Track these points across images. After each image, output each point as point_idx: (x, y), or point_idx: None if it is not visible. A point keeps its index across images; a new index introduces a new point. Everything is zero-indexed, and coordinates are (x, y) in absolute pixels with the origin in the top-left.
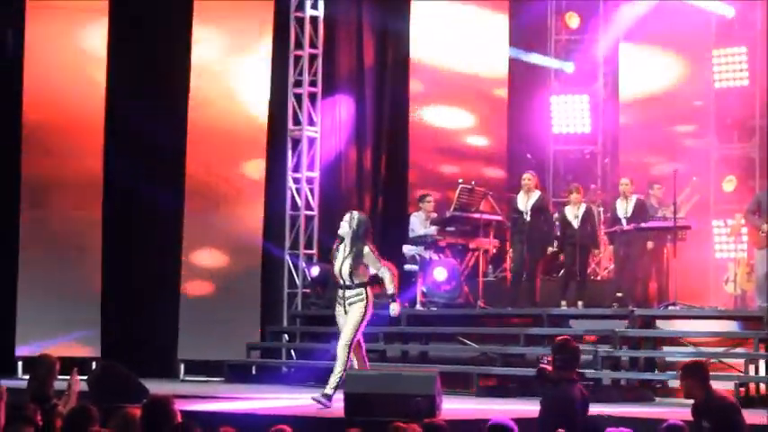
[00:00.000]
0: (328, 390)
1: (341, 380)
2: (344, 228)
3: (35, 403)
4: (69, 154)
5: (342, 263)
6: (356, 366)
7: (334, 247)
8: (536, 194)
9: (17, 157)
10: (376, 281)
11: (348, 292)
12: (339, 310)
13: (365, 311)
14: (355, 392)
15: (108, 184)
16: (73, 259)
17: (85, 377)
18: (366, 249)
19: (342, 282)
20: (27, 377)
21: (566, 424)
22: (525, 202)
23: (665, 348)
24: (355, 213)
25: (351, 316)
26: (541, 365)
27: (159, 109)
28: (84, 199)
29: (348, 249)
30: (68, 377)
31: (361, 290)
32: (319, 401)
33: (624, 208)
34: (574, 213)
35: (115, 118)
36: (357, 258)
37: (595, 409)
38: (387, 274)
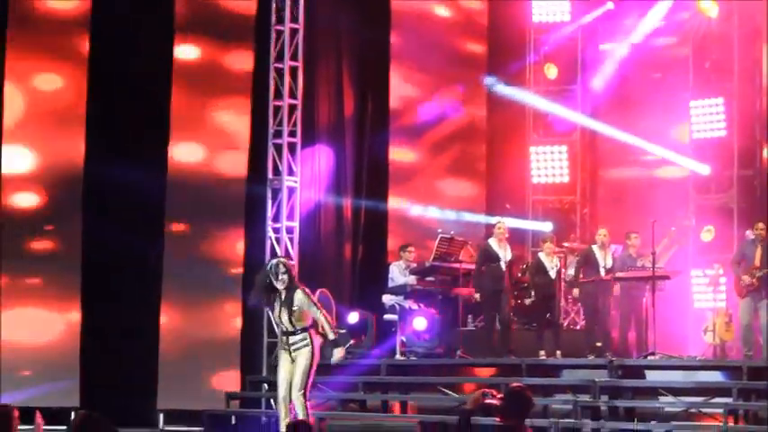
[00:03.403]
0: None
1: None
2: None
3: None
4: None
5: (280, 310)
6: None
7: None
8: (507, 246)
9: None
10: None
11: (292, 338)
12: (284, 356)
13: (312, 356)
14: None
15: (86, 234)
16: (52, 308)
17: (65, 428)
18: (300, 293)
19: (285, 328)
20: None
21: None
22: (501, 250)
23: (645, 399)
24: (283, 260)
25: (299, 363)
26: (486, 399)
27: (137, 157)
28: (64, 248)
29: (285, 295)
30: (32, 426)
31: (305, 334)
32: None
33: (603, 258)
34: (549, 263)
35: (92, 168)
36: (295, 303)
37: None
38: (321, 318)
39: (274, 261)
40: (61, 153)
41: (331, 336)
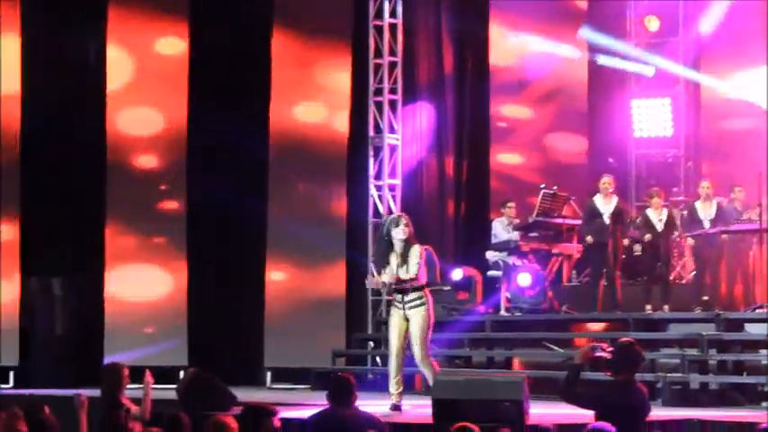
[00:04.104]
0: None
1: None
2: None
3: (110, 410)
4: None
5: (396, 267)
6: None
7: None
8: (615, 199)
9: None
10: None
11: (407, 296)
12: (397, 313)
13: (428, 315)
14: (443, 398)
15: (191, 194)
16: (159, 268)
17: (174, 386)
18: (416, 249)
19: (399, 286)
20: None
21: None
22: (604, 205)
23: (752, 352)
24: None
25: (416, 323)
26: (596, 353)
27: (239, 117)
28: (169, 207)
29: (402, 250)
30: (142, 385)
31: (421, 293)
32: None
33: (707, 210)
34: (657, 217)
35: (200, 131)
36: (411, 259)
37: (685, 413)
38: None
39: (396, 214)
40: (166, 114)
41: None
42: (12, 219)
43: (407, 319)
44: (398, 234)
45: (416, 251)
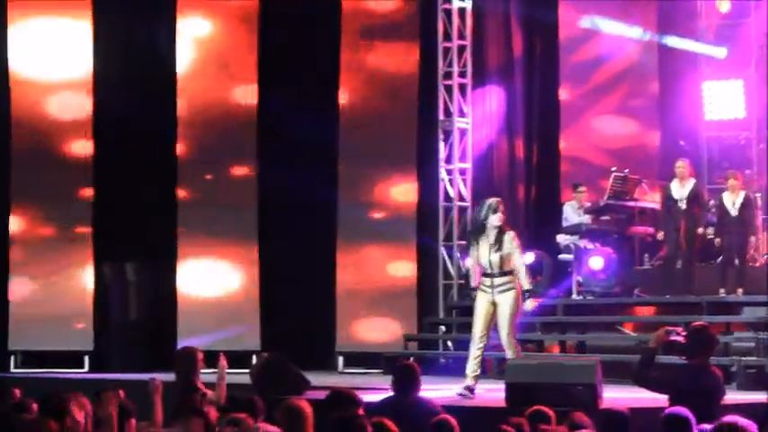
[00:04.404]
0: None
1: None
2: (497, 220)
3: (185, 394)
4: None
5: (489, 252)
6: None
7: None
8: (691, 182)
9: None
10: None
11: (497, 280)
12: (484, 297)
13: (517, 299)
14: (517, 382)
15: (261, 180)
16: (230, 254)
17: (248, 370)
18: (510, 236)
19: (490, 270)
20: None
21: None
22: (679, 189)
23: None
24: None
25: (504, 306)
26: (671, 337)
27: (308, 103)
28: (240, 193)
29: (494, 237)
30: (216, 369)
31: (511, 277)
32: (462, 394)
33: None
34: (731, 200)
35: (266, 113)
36: (504, 245)
37: (760, 396)
38: (521, 266)
39: (491, 200)
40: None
41: (526, 285)
42: (86, 205)
43: (495, 304)
44: (495, 221)
45: (511, 237)
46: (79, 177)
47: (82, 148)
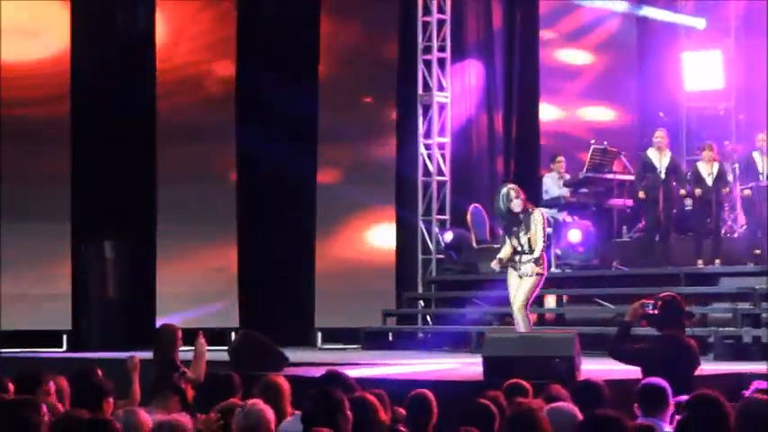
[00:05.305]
0: None
1: None
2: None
3: (163, 371)
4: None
5: (519, 234)
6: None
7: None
8: (668, 153)
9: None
10: None
11: (525, 257)
12: (514, 273)
13: (540, 277)
14: (494, 355)
15: (242, 158)
16: (208, 230)
17: (226, 348)
18: (537, 214)
19: (521, 249)
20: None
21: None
22: (659, 159)
23: None
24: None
25: (526, 280)
26: (647, 310)
27: (290, 80)
28: (218, 169)
29: (522, 219)
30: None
31: (541, 254)
32: None
33: (763, 163)
34: (707, 171)
35: (245, 89)
36: (531, 224)
37: (737, 367)
38: (539, 239)
39: (504, 189)
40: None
41: (536, 254)
42: (63, 183)
43: (521, 277)
44: (515, 207)
45: (538, 218)
46: (56, 153)
47: (59, 122)
